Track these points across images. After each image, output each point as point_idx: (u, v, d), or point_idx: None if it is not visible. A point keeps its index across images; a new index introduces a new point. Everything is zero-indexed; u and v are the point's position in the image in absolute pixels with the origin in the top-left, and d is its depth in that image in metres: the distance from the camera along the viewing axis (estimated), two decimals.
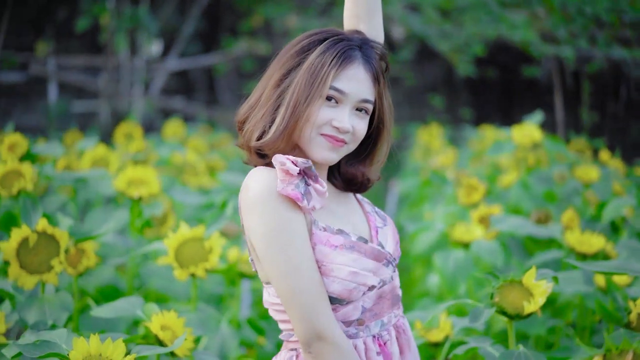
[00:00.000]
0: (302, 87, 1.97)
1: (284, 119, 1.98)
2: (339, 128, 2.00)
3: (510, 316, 2.30)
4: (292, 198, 1.90)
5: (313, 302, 1.90)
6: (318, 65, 1.98)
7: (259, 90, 2.08)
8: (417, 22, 9.07)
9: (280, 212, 1.90)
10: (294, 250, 1.90)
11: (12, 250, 2.75)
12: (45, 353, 1.95)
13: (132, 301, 2.56)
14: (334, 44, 2.02)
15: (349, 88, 2.00)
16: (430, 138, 7.47)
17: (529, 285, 2.32)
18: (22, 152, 4.38)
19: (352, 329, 1.99)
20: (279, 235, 1.90)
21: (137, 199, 3.79)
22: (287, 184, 1.90)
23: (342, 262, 1.95)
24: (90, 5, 10.45)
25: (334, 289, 1.94)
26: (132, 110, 11.10)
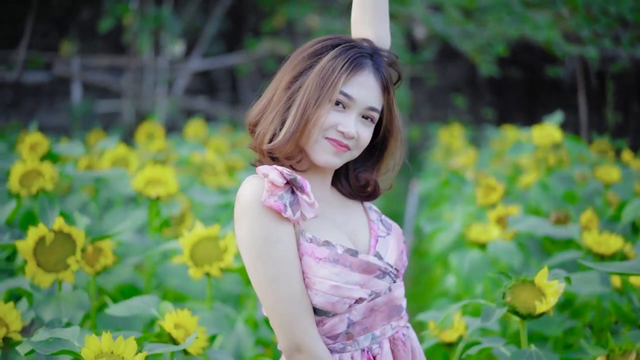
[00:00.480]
0: (313, 89, 1.98)
1: (294, 121, 1.99)
2: (344, 133, 2.00)
3: (522, 316, 2.30)
4: (277, 209, 1.91)
5: (292, 313, 1.91)
6: (329, 69, 1.99)
7: (269, 92, 2.08)
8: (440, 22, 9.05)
9: (265, 223, 1.91)
10: (275, 261, 1.91)
11: (29, 249, 2.78)
12: (57, 350, 1.97)
13: (146, 300, 2.58)
14: (346, 50, 2.03)
15: (357, 94, 2.01)
16: (451, 138, 7.45)
17: (541, 285, 2.31)
18: (44, 151, 4.42)
19: (338, 344, 1.98)
20: (261, 245, 1.91)
21: (155, 198, 3.81)
22: (271, 195, 1.91)
23: (324, 275, 1.94)
24: (114, 6, 10.51)
25: (317, 301, 1.94)
26: (156, 110, 11.16)
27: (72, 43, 11.89)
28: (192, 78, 12.06)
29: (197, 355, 2.46)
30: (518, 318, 2.32)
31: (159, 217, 3.94)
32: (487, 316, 2.30)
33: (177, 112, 11.52)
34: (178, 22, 11.03)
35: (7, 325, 2.49)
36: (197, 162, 5.43)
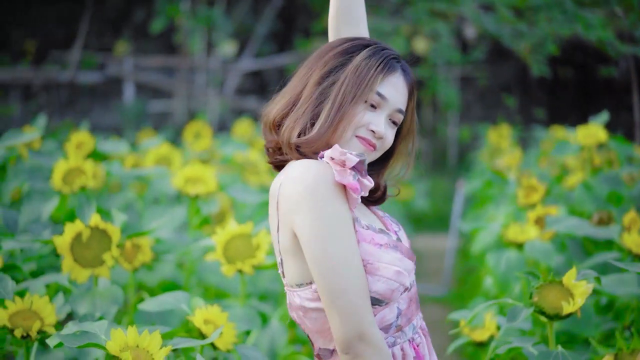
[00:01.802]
0: (350, 86, 1.98)
1: (329, 117, 1.98)
2: (375, 132, 2.00)
3: (549, 316, 2.28)
4: (352, 188, 1.88)
5: (360, 300, 1.86)
6: (365, 67, 2.00)
7: (296, 88, 2.07)
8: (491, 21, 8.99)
9: (335, 204, 1.88)
10: (347, 243, 1.88)
11: (66, 245, 2.84)
12: (84, 343, 2.02)
13: (177, 296, 2.61)
14: (379, 51, 2.04)
15: (390, 95, 2.02)
16: (499, 138, 7.40)
17: (570, 285, 2.30)
18: (89, 150, 4.51)
19: (390, 338, 1.98)
20: (333, 225, 1.87)
21: (194, 196, 3.86)
22: (344, 174, 1.88)
23: (389, 261, 1.93)
24: (166, 7, 10.64)
25: (378, 288, 1.91)
26: (207, 109, 11.27)
27: (126, 43, 12.07)
28: (242, 78, 12.15)
29: (226, 351, 2.49)
30: (545, 318, 2.31)
31: (199, 215, 3.98)
32: (513, 316, 2.30)
33: (228, 112, 11.62)
34: (229, 23, 11.13)
35: (42, 319, 2.55)
36: (240, 161, 5.48)
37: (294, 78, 2.10)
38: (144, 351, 2.04)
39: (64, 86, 11.84)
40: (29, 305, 2.56)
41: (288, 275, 2.00)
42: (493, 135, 7.57)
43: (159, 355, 2.03)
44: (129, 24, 12.29)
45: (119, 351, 2.01)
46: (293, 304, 2.01)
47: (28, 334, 2.52)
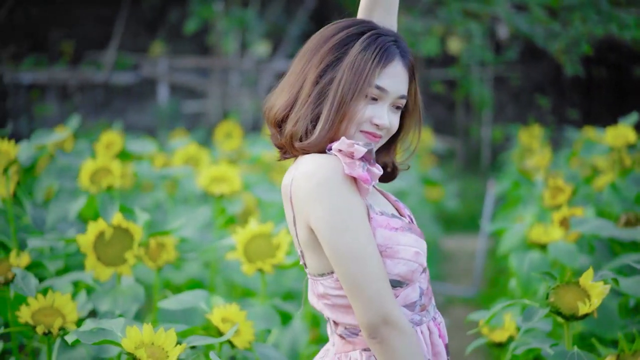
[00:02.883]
0: (347, 84, 1.97)
1: (329, 118, 1.97)
2: (379, 125, 2.00)
3: (565, 317, 2.28)
4: (362, 179, 1.91)
5: (382, 285, 1.89)
6: (361, 62, 1.97)
7: (294, 85, 2.05)
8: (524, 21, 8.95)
9: (348, 196, 1.91)
10: (362, 231, 1.90)
11: (90, 243, 2.88)
12: (99, 340, 2.05)
13: (196, 294, 2.64)
14: (375, 39, 2.00)
15: (389, 86, 2.00)
16: (530, 139, 7.37)
17: (586, 286, 2.29)
18: (118, 150, 4.55)
19: (416, 316, 2.00)
20: (347, 217, 1.90)
21: (219, 196, 3.89)
22: (354, 166, 1.91)
23: (407, 243, 1.96)
24: (199, 8, 10.72)
25: (399, 271, 1.95)
26: (240, 110, 11.33)
27: (160, 44, 12.18)
28: (275, 78, 12.20)
29: (244, 349, 2.51)
30: (561, 319, 2.30)
31: (224, 215, 4.01)
32: (529, 316, 2.30)
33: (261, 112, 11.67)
34: (262, 23, 11.18)
35: (63, 316, 2.59)
36: (267, 161, 5.51)
37: (292, 69, 2.08)
38: (159, 348, 2.07)
39: (99, 86, 11.97)
40: (51, 302, 2.61)
41: (310, 266, 2.05)
42: (524, 136, 7.53)
43: (173, 353, 2.05)
44: (164, 24, 12.39)
45: (134, 348, 2.04)
46: (316, 291, 2.05)
47: (50, 331, 2.56)
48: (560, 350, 2.31)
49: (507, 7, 9.20)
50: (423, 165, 8.24)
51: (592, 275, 2.29)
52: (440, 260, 7.73)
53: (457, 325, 5.55)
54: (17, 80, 11.50)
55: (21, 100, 11.75)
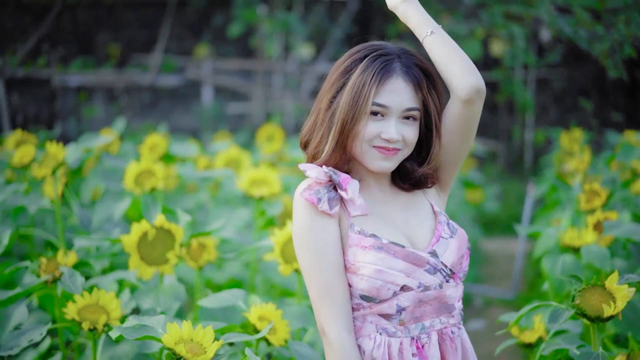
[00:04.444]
0: (347, 107, 2.11)
1: (334, 139, 2.13)
2: (388, 139, 2.11)
3: (591, 318, 2.35)
4: (310, 202, 2.08)
5: (321, 301, 2.09)
6: (360, 84, 2.11)
7: (314, 112, 2.23)
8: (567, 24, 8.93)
9: (307, 215, 2.10)
10: (312, 251, 2.09)
11: (133, 244, 3.00)
12: (141, 336, 2.16)
13: (235, 293, 2.74)
14: (373, 61, 2.13)
15: (390, 101, 2.11)
16: (570, 142, 7.36)
17: (612, 289, 2.35)
18: (162, 152, 4.68)
19: (390, 327, 2.11)
20: (304, 234, 2.10)
21: (259, 198, 4.00)
22: (307, 189, 2.10)
23: (368, 260, 2.08)
24: (243, 11, 10.86)
25: (363, 287, 2.08)
26: (283, 112, 11.45)
27: (205, 47, 12.35)
28: (318, 81, 12.30)
29: (279, 347, 2.61)
30: (587, 320, 2.36)
31: (264, 216, 4.12)
32: (555, 318, 2.36)
33: (303, 114, 11.79)
34: (305, 27, 11.29)
35: (108, 313, 2.71)
36: None
37: (320, 92, 2.24)
38: (198, 344, 2.17)
39: (145, 88, 12.17)
40: (96, 300, 2.73)
41: None
42: (565, 139, 7.53)
43: (211, 349, 2.16)
44: (209, 28, 12.56)
45: (173, 344, 2.14)
46: None
47: (95, 327, 2.68)
48: (586, 351, 2.37)
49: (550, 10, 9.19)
50: (463, 167, 8.29)
51: (617, 278, 2.35)
52: (480, 262, 7.77)
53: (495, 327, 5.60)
54: (65, 82, 11.75)
55: (69, 102, 12.00)
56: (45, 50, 12.02)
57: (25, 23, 12.24)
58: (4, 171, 5.94)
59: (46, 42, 12.11)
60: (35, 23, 12.18)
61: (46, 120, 11.80)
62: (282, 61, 11.86)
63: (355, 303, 2.12)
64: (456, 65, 2.16)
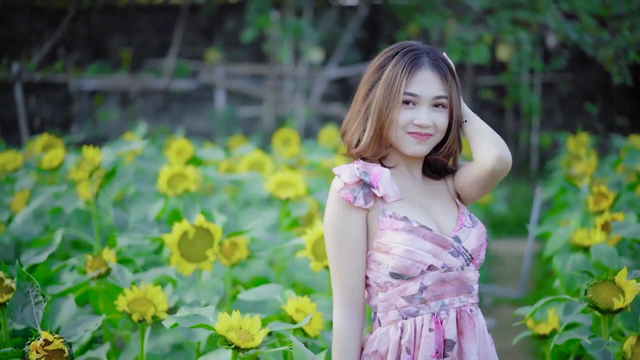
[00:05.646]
0: (382, 98, 2.36)
1: (372, 127, 2.37)
2: (420, 125, 2.35)
3: (602, 311, 2.57)
4: (346, 200, 2.32)
5: (334, 285, 2.36)
6: (392, 77, 2.36)
7: (352, 106, 2.48)
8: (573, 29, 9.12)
9: (339, 209, 2.34)
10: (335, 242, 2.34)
11: (174, 242, 3.23)
12: (196, 324, 2.38)
13: (272, 288, 2.97)
14: (403, 55, 2.38)
15: (420, 90, 2.36)
16: (577, 146, 7.57)
17: (621, 283, 2.57)
18: (188, 156, 4.91)
19: (412, 307, 2.33)
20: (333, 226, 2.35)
21: (285, 199, 4.23)
22: (344, 188, 2.34)
23: (399, 241, 2.31)
24: (256, 17, 11.10)
25: (393, 265, 2.31)
26: (293, 115, 11.68)
27: (217, 52, 12.58)
28: (328, 85, 12.53)
29: (314, 337, 2.84)
30: (598, 312, 2.59)
31: (289, 217, 4.35)
32: (569, 310, 2.59)
33: (314, 118, 12.01)
34: (316, 32, 11.53)
35: (155, 306, 2.94)
36: (326, 167, 5.84)
37: (357, 88, 2.48)
38: (246, 332, 2.40)
39: (158, 92, 12.41)
40: (144, 293, 2.96)
41: None
42: (572, 143, 7.74)
43: (258, 336, 2.39)
44: (220, 32, 12.78)
45: (225, 331, 2.37)
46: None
47: (144, 319, 2.91)
48: (597, 340, 2.59)
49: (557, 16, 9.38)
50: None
51: (626, 273, 2.57)
52: (489, 263, 7.97)
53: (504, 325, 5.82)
54: (81, 86, 12.00)
55: (84, 106, 12.23)
56: (61, 55, 12.26)
57: (40, 28, 12.48)
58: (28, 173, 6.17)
59: (61, 47, 12.35)
60: (50, 28, 12.41)
61: (61, 124, 12.05)
62: (293, 66, 12.10)
63: (384, 281, 2.33)
64: (484, 138, 2.40)
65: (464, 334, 2.36)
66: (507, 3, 9.64)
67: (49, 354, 2.32)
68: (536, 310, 2.78)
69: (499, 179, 2.41)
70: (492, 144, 2.37)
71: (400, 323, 2.33)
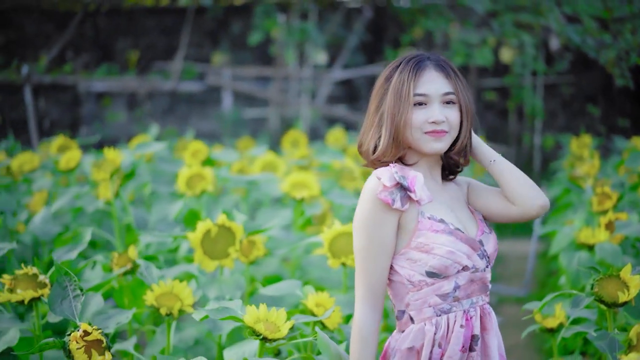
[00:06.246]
0: (393, 103, 2.49)
1: (388, 131, 2.50)
2: (435, 121, 2.48)
3: (607, 304, 2.71)
4: (384, 202, 2.43)
5: (358, 279, 2.46)
6: (400, 83, 2.49)
7: (366, 118, 2.62)
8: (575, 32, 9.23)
9: (374, 209, 2.44)
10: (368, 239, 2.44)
11: (198, 240, 3.38)
12: (225, 316, 2.53)
13: (292, 283, 3.12)
14: (407, 63, 2.52)
15: (428, 89, 2.49)
16: (580, 148, 7.70)
17: (626, 278, 2.72)
18: (203, 157, 5.06)
19: (445, 305, 2.47)
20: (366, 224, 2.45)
21: (300, 199, 4.38)
22: (383, 191, 2.43)
23: (442, 242, 2.43)
24: (263, 20, 11.26)
25: (433, 264, 2.42)
26: (299, 117, 11.83)
27: (223, 54, 12.73)
28: (333, 87, 12.67)
29: (333, 330, 2.99)
30: (604, 306, 2.73)
31: (303, 216, 4.49)
32: (577, 303, 2.73)
33: (319, 120, 12.16)
34: (321, 35, 11.69)
35: (181, 300, 3.08)
36: (337, 168, 5.98)
37: (369, 103, 2.62)
38: (272, 324, 2.55)
39: (164, 94, 12.56)
40: (170, 288, 3.10)
41: None
42: (575, 145, 7.87)
43: (284, 327, 2.53)
44: (226, 35, 12.93)
45: (253, 323, 2.52)
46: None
47: (171, 312, 3.05)
48: (602, 332, 2.74)
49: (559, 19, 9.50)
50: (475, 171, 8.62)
51: (630, 269, 2.72)
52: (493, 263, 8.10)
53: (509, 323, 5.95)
54: (90, 88, 12.15)
55: (92, 107, 12.38)
56: (70, 57, 12.42)
57: (48, 30, 12.63)
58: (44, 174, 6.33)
59: (70, 49, 12.50)
60: (57, 30, 12.56)
61: (70, 125, 12.20)
62: (299, 68, 12.25)
63: (418, 280, 2.45)
64: (523, 187, 2.55)
65: (487, 329, 2.51)
66: (511, 6, 9.78)
67: (88, 344, 2.46)
68: (545, 304, 2.92)
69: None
70: (535, 190, 2.54)
71: (434, 320, 2.45)
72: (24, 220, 5.19)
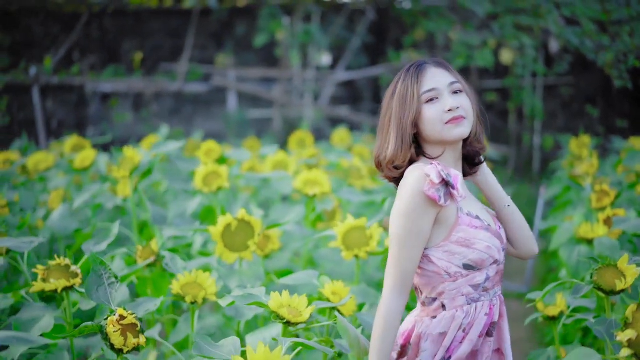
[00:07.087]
0: (399, 109, 2.64)
1: (394, 134, 2.65)
2: (450, 109, 2.61)
3: (605, 292, 2.90)
4: (431, 198, 2.55)
5: (392, 263, 2.58)
6: (404, 90, 2.65)
7: (377, 133, 2.77)
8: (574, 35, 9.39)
9: (417, 202, 2.56)
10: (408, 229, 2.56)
11: (219, 233, 3.57)
12: (252, 302, 2.72)
13: (309, 273, 3.30)
14: (407, 71, 2.68)
15: (435, 83, 2.63)
16: (579, 148, 7.87)
17: (623, 268, 2.91)
18: (217, 156, 5.24)
19: (476, 294, 2.64)
20: (407, 215, 2.57)
21: (312, 196, 4.57)
22: (431, 187, 2.55)
23: (482, 238, 2.60)
24: (268, 23, 11.44)
25: (472, 257, 2.59)
26: (303, 118, 12.01)
27: (227, 56, 12.92)
28: (336, 88, 12.85)
29: (348, 317, 3.17)
30: (602, 294, 2.92)
31: (314, 213, 4.68)
32: (577, 291, 2.93)
33: (322, 120, 12.34)
34: (325, 37, 11.88)
35: (205, 289, 3.27)
36: (345, 167, 6.17)
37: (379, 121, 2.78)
38: (295, 309, 2.74)
39: (169, 95, 12.74)
40: (194, 278, 3.29)
41: None
42: (574, 145, 8.04)
43: (306, 312, 2.72)
44: (231, 37, 13.10)
45: (277, 308, 2.71)
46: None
47: (195, 301, 3.24)
48: (601, 319, 2.93)
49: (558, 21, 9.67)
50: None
51: (627, 259, 2.91)
52: None
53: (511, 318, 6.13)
54: (96, 89, 12.33)
55: (99, 108, 12.55)
56: (76, 58, 12.59)
57: (54, 32, 12.79)
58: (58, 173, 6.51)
59: (76, 50, 12.68)
60: (64, 32, 12.74)
61: (77, 126, 12.38)
62: (302, 69, 12.43)
63: (455, 272, 2.60)
64: (527, 238, 2.82)
65: (503, 316, 2.71)
66: (511, 9, 9.94)
67: (124, 327, 2.65)
68: (547, 293, 3.10)
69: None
70: (533, 240, 2.83)
71: (465, 307, 2.62)
72: (42, 217, 5.38)
